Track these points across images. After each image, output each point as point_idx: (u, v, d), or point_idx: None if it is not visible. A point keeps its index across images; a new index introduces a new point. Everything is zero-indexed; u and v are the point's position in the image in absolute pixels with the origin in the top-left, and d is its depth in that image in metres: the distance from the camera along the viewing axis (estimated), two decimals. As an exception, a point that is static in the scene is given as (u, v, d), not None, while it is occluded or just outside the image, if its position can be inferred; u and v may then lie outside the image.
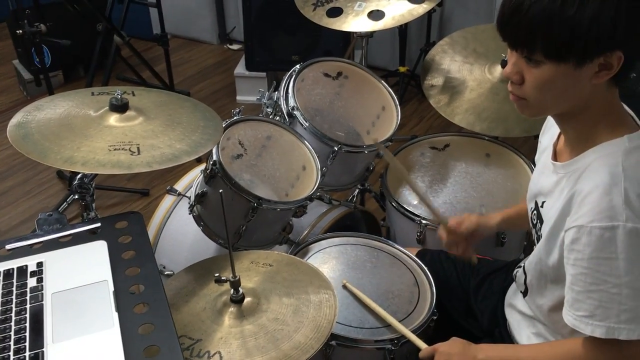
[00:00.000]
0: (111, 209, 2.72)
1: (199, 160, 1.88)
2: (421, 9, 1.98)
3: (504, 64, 1.93)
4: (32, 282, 1.04)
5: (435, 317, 1.39)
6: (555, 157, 1.14)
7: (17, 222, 2.68)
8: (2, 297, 1.01)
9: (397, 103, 1.88)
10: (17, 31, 2.41)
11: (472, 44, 2.09)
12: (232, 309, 1.19)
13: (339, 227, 1.74)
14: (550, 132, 1.21)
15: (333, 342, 1.31)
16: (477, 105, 1.91)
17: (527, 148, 1.53)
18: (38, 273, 1.06)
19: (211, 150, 1.44)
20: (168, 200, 1.91)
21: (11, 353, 0.90)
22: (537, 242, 1.16)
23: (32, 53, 2.50)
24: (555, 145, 1.16)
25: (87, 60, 3.62)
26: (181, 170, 2.62)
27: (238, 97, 3.57)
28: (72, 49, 2.62)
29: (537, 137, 1.33)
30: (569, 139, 1.10)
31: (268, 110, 1.79)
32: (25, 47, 3.52)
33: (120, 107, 1.31)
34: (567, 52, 0.94)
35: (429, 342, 1.29)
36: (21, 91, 3.77)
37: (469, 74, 2.01)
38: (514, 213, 1.46)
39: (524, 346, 1.23)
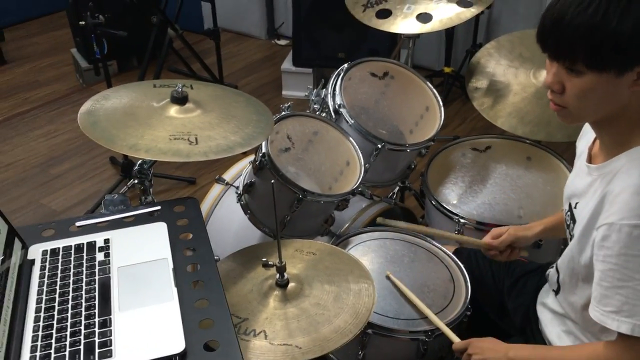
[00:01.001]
0: (160, 196, 2.84)
1: (244, 153, 1.97)
2: (469, 13, 2.01)
3: (549, 69, 1.95)
4: (100, 256, 1.14)
5: (469, 313, 1.44)
6: (590, 160, 1.18)
7: (71, 204, 2.82)
8: (74, 269, 1.11)
9: (441, 104, 1.92)
10: (80, 22, 2.54)
11: (519, 48, 2.11)
12: (277, 292, 1.26)
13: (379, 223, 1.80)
14: (586, 137, 1.25)
15: (369, 331, 1.37)
16: (521, 109, 1.94)
17: (570, 154, 1.54)
18: (105, 248, 1.16)
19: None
20: (216, 189, 2.00)
21: (82, 318, 1.00)
22: (570, 241, 1.20)
23: (92, 43, 2.62)
24: (590, 149, 1.20)
25: (141, 51, 3.76)
26: (226, 161, 2.72)
27: (284, 92, 3.66)
28: (127, 40, 2.74)
29: (576, 143, 1.36)
30: (604, 143, 1.13)
31: (315, 106, 1.86)
32: (84, 37, 3.69)
33: (180, 100, 1.40)
34: (609, 62, 0.97)
35: (462, 338, 1.34)
36: (77, 79, 3.93)
37: (514, 77, 2.04)
38: (554, 222, 1.49)
39: (553, 347, 1.27)
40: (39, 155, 3.18)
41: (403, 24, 2.02)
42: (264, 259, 1.27)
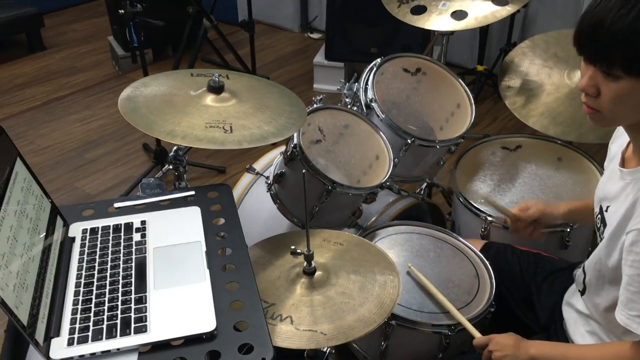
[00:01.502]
0: (191, 183, 2.88)
1: (274, 144, 2.00)
2: (505, 11, 2.00)
3: (584, 70, 1.93)
4: (137, 236, 1.19)
5: (492, 310, 1.45)
6: (623, 164, 1.18)
7: (104, 188, 2.90)
8: (112, 247, 1.16)
9: (472, 102, 1.92)
10: (120, 10, 2.60)
11: (554, 48, 2.10)
12: (304, 279, 1.29)
13: (406, 217, 1.82)
14: (619, 140, 1.24)
15: (393, 322, 1.40)
16: (553, 109, 1.93)
17: (601, 155, 1.53)
18: (142, 230, 1.21)
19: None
20: (246, 178, 2.04)
21: (119, 294, 1.05)
22: (599, 243, 1.20)
23: (131, 31, 2.68)
24: (623, 152, 1.19)
25: (176, 40, 3.83)
26: (255, 152, 2.76)
27: (315, 85, 3.69)
28: (163, 30, 2.79)
29: (608, 145, 1.35)
30: (638, 147, 1.13)
31: (347, 100, 1.89)
32: (122, 25, 3.77)
33: (216, 89, 1.44)
34: None
35: (484, 333, 1.36)
36: (113, 66, 4.02)
37: (547, 77, 2.03)
38: (581, 205, 1.50)
39: (574, 346, 1.28)
40: (74, 139, 3.27)
41: (437, 21, 2.03)
42: (292, 247, 1.30)
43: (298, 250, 1.29)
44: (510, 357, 1.26)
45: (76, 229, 1.22)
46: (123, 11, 2.59)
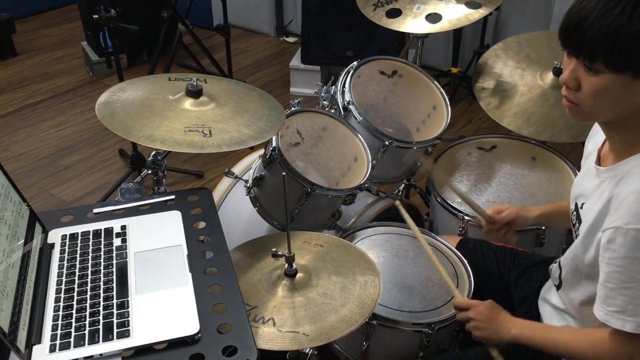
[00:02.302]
0: (168, 188, 2.87)
1: (251, 148, 2.01)
2: (478, 14, 2.04)
3: (555, 71, 1.98)
4: (117, 241, 1.19)
5: (471, 307, 1.47)
6: (599, 161, 1.20)
7: (80, 195, 2.87)
8: (92, 253, 1.15)
9: (448, 103, 1.95)
10: (94, 16, 2.58)
11: (526, 49, 2.15)
12: (285, 281, 1.30)
13: (384, 218, 1.83)
14: (595, 138, 1.27)
15: (374, 322, 1.41)
16: (527, 109, 1.97)
17: (575, 155, 1.57)
18: (122, 234, 1.20)
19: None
20: (225, 182, 2.04)
21: (101, 299, 1.05)
22: (575, 240, 1.23)
23: (105, 36, 2.66)
24: (599, 150, 1.22)
25: (151, 45, 3.80)
26: (234, 156, 2.76)
27: (292, 89, 3.70)
28: (137, 35, 2.78)
29: (585, 144, 1.38)
30: (613, 145, 1.16)
31: (325, 103, 1.90)
32: (95, 30, 3.74)
33: (195, 93, 1.44)
34: (628, 64, 0.99)
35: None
36: (87, 72, 3.98)
37: (520, 78, 2.07)
38: (553, 209, 1.53)
39: (556, 328, 1.30)
40: (49, 146, 3.22)
41: (412, 24, 2.06)
42: (273, 249, 1.30)
43: (279, 253, 1.30)
44: (489, 332, 1.28)
45: (55, 235, 1.21)
46: (97, 16, 2.57)
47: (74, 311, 1.03)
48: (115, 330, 0.99)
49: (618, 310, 1.06)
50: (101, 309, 1.03)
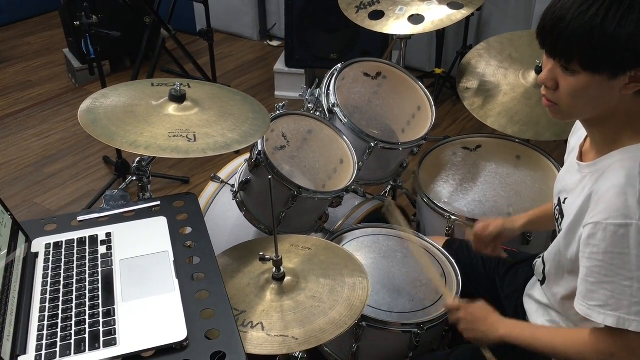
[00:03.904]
0: (154, 195, 2.85)
1: (237, 152, 2.00)
2: (460, 15, 2.05)
3: (538, 70, 1.99)
4: (102, 249, 1.17)
5: (460, 306, 1.48)
6: (581, 157, 1.22)
7: (65, 203, 2.84)
8: (77, 261, 1.14)
9: (433, 104, 1.96)
10: (75, 22, 2.55)
11: (508, 49, 2.16)
12: (273, 285, 1.30)
13: (372, 220, 1.83)
14: (578, 134, 1.29)
15: (363, 324, 1.41)
16: (510, 108, 1.99)
17: (558, 153, 1.59)
18: (107, 242, 1.19)
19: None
20: (211, 187, 2.03)
21: (87, 308, 1.04)
22: (558, 235, 1.24)
23: (87, 43, 2.64)
24: (581, 146, 1.23)
25: (133, 51, 3.77)
26: (219, 161, 2.74)
27: (276, 93, 3.69)
28: (119, 41, 2.76)
29: (568, 139, 1.39)
30: (594, 141, 1.17)
31: (309, 105, 1.90)
32: (77, 37, 3.71)
33: (178, 98, 1.43)
34: (603, 64, 1.01)
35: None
36: (69, 79, 3.94)
37: (504, 78, 2.08)
38: (539, 214, 1.53)
39: (543, 327, 1.31)
40: (32, 154, 3.19)
41: (395, 25, 2.06)
42: (260, 253, 1.30)
43: (267, 257, 1.29)
44: (477, 333, 1.28)
45: (39, 244, 1.20)
46: (79, 23, 2.55)
47: (59, 320, 1.02)
48: (101, 339, 0.98)
49: (599, 305, 1.06)
50: (87, 317, 1.02)
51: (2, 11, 4.61)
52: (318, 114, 1.85)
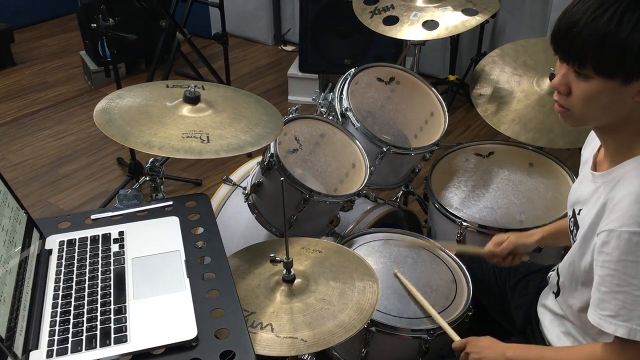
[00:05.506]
0: (166, 196, 2.88)
1: (249, 155, 2.01)
2: (474, 21, 2.05)
3: (552, 77, 1.99)
4: (115, 247, 1.18)
5: (470, 313, 1.47)
6: (595, 167, 1.21)
7: (78, 204, 2.86)
8: (89, 259, 1.15)
9: (446, 110, 1.96)
10: (92, 25, 2.58)
11: (523, 56, 2.16)
12: (283, 287, 1.30)
13: (383, 225, 1.83)
14: (591, 145, 1.28)
15: (373, 328, 1.41)
16: (524, 115, 1.98)
17: (572, 161, 1.57)
18: (120, 240, 1.20)
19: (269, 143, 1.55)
20: (223, 189, 2.04)
21: (98, 305, 1.04)
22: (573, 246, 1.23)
23: (104, 45, 2.67)
24: (595, 156, 1.23)
25: (149, 54, 3.81)
26: (232, 164, 2.76)
27: (290, 97, 3.71)
28: (135, 43, 2.79)
29: (581, 149, 1.39)
30: (608, 150, 1.16)
31: (322, 110, 1.91)
32: (94, 40, 3.75)
33: (193, 100, 1.44)
34: (617, 70, 1.00)
35: (463, 337, 1.37)
36: (85, 81, 3.99)
37: (517, 85, 2.08)
38: (554, 230, 1.52)
39: (549, 348, 1.30)
40: (47, 155, 3.22)
41: (409, 31, 2.07)
42: (271, 255, 1.30)
43: (277, 258, 1.30)
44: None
45: (53, 242, 1.21)
46: (96, 25, 2.58)
47: (71, 317, 1.03)
48: (112, 336, 0.99)
49: (611, 315, 1.05)
50: (99, 314, 1.03)
51: (20, 13, 4.67)
52: (331, 118, 1.85)
